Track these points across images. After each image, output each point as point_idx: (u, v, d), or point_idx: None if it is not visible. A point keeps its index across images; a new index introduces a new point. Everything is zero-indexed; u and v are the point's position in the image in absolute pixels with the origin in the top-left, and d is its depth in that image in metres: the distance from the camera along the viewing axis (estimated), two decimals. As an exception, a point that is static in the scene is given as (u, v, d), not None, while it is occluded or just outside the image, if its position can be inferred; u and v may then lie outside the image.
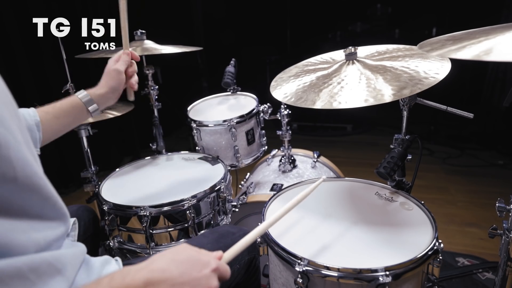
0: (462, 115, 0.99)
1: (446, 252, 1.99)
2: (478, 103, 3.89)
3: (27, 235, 0.53)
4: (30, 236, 0.53)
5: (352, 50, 1.07)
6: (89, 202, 1.53)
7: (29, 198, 0.54)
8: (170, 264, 0.57)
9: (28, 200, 0.54)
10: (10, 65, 2.58)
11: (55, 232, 0.60)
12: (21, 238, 0.51)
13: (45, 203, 0.58)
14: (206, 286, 0.58)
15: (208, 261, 0.62)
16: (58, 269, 0.56)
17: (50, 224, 0.59)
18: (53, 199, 0.59)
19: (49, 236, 0.58)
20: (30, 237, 0.53)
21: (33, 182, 0.54)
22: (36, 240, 0.54)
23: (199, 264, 0.60)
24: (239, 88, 1.79)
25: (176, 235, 1.21)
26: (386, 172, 1.03)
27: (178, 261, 0.58)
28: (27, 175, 0.53)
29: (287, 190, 1.17)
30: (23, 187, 0.52)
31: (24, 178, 0.52)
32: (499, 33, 0.73)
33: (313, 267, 0.80)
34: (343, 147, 3.86)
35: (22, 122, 0.59)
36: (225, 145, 1.58)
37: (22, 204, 0.53)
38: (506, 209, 0.91)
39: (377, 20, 4.40)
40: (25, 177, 0.52)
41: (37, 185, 0.55)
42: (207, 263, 0.61)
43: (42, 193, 0.56)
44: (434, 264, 0.84)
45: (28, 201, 0.54)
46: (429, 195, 2.64)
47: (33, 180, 0.54)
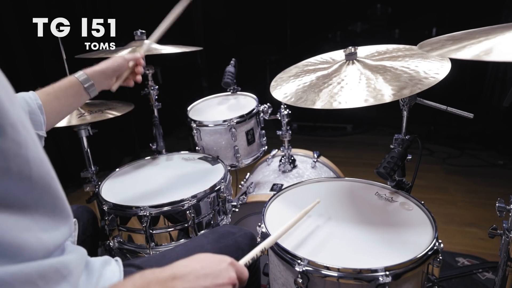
0: (462, 115, 0.99)
1: (446, 252, 1.99)
2: (478, 103, 3.89)
3: (37, 236, 0.53)
4: (41, 237, 0.54)
5: (352, 50, 1.07)
6: (89, 202, 1.53)
7: (40, 198, 0.54)
8: (192, 261, 0.63)
9: (39, 200, 0.54)
10: (10, 65, 2.58)
11: (62, 233, 0.60)
12: (32, 240, 0.52)
13: (55, 203, 0.58)
14: (227, 276, 0.62)
15: (224, 257, 0.67)
16: (64, 275, 0.57)
17: (57, 225, 0.59)
18: (61, 200, 0.60)
19: (56, 237, 0.58)
20: (40, 239, 0.54)
21: (46, 181, 0.55)
22: (45, 242, 0.55)
23: (217, 259, 0.65)
24: (239, 88, 1.79)
25: (176, 235, 1.21)
26: (386, 172, 1.03)
27: (199, 259, 0.64)
28: (41, 175, 0.54)
29: (287, 190, 1.17)
30: (36, 186, 0.53)
31: (38, 177, 0.53)
32: (499, 33, 0.73)
33: (313, 267, 0.80)
34: (343, 147, 3.86)
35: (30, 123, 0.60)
36: (225, 145, 1.58)
37: (33, 203, 0.53)
38: (506, 209, 0.91)
39: (377, 20, 4.40)
40: (38, 176, 0.53)
41: (49, 185, 0.56)
42: (224, 258, 0.66)
43: (52, 193, 0.57)
44: (434, 264, 0.84)
45: (39, 200, 0.54)
46: (429, 195, 2.64)
47: (46, 180, 0.55)
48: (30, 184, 0.51)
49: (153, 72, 1.63)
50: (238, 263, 0.70)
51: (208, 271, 0.60)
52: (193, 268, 0.60)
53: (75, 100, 1.05)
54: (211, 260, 0.64)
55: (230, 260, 0.66)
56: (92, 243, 1.25)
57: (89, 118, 1.40)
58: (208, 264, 0.63)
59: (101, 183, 1.37)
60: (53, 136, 2.73)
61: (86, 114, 1.42)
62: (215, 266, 0.63)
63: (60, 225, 0.60)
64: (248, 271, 1.04)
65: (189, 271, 0.59)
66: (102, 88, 1.10)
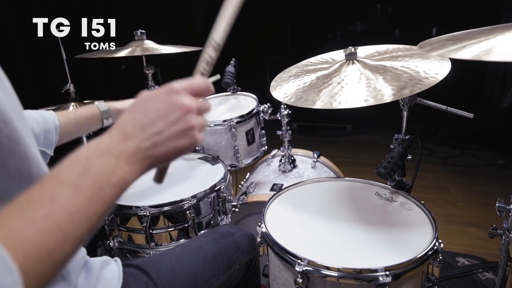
0: (462, 115, 0.99)
1: (446, 252, 1.99)
2: (478, 103, 3.89)
3: None
4: None
5: (352, 50, 1.07)
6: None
7: None
8: (129, 114, 0.52)
9: None
10: (10, 65, 2.58)
11: None
12: None
13: None
14: (178, 107, 0.51)
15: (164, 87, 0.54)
16: (63, 275, 0.57)
17: None
18: None
19: None
20: None
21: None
22: None
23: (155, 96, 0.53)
24: (239, 88, 1.79)
25: (176, 235, 1.21)
26: (386, 172, 1.03)
27: (136, 106, 0.52)
28: (40, 172, 0.54)
29: (287, 190, 1.17)
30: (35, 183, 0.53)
31: (37, 174, 0.53)
32: (499, 33, 0.72)
33: (313, 267, 0.80)
34: (343, 147, 3.86)
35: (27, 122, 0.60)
36: (225, 145, 1.58)
37: None
38: (506, 209, 0.91)
39: (377, 20, 4.40)
40: (38, 174, 0.53)
41: None
42: (163, 88, 0.53)
43: None
44: (434, 264, 0.84)
45: None
46: (429, 195, 2.64)
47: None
48: (30, 181, 0.51)
49: (153, 72, 1.63)
50: (185, 83, 0.55)
51: (153, 115, 0.50)
52: (134, 119, 0.50)
53: (90, 128, 1.09)
54: (150, 100, 0.52)
55: (170, 86, 0.53)
56: (92, 243, 1.25)
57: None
58: (149, 106, 0.51)
59: (101, 183, 1.37)
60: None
61: (86, 114, 1.42)
62: (158, 104, 0.51)
63: None
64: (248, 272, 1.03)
65: (132, 127, 0.49)
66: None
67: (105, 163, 0.45)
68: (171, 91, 0.52)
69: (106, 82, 3.56)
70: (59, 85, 1.51)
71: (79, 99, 1.50)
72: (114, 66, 3.46)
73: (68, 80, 1.49)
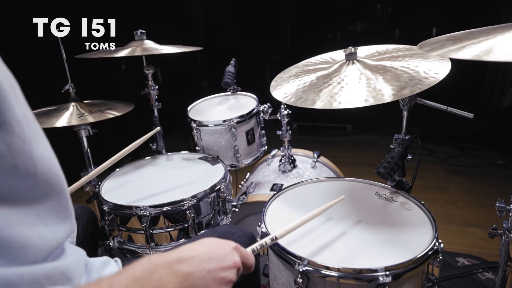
0: (462, 115, 0.99)
1: (446, 252, 1.99)
2: (478, 103, 3.89)
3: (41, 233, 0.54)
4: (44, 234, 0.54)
5: (352, 50, 1.07)
6: (89, 202, 1.53)
7: (44, 194, 0.55)
8: (197, 245, 0.63)
9: (43, 196, 0.55)
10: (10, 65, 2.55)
11: (65, 229, 0.61)
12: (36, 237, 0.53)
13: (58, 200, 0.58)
14: (232, 260, 0.63)
15: (229, 242, 0.67)
16: (69, 277, 0.58)
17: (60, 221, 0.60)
18: (65, 197, 0.60)
19: (59, 234, 0.58)
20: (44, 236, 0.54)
21: (49, 178, 0.55)
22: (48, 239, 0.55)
23: (222, 243, 0.66)
24: (239, 88, 1.79)
25: (176, 235, 1.21)
26: (386, 172, 1.03)
27: (204, 243, 0.64)
28: (44, 171, 0.54)
29: (287, 190, 1.17)
30: (40, 183, 0.53)
31: (41, 174, 0.53)
32: (499, 33, 0.73)
33: (313, 267, 0.80)
34: (343, 147, 3.86)
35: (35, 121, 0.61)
36: (225, 145, 1.58)
37: (37, 199, 0.54)
38: (506, 209, 0.91)
39: (377, 20, 4.40)
40: (42, 173, 0.54)
41: (51, 181, 0.56)
42: (229, 243, 0.67)
43: (56, 190, 0.57)
44: (434, 264, 0.84)
45: (43, 196, 0.55)
46: (429, 195, 2.64)
47: (49, 177, 0.55)
48: (34, 180, 0.52)
49: (153, 72, 1.63)
50: (244, 248, 0.70)
51: (213, 255, 0.61)
52: (199, 252, 0.60)
53: None
54: (216, 244, 0.65)
55: (235, 244, 0.67)
56: (92, 243, 1.25)
57: (89, 118, 1.40)
58: (213, 248, 0.63)
59: (101, 183, 1.37)
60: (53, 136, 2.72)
61: (86, 114, 1.42)
62: (220, 250, 0.63)
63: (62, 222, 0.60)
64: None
65: (195, 255, 0.59)
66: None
67: (166, 274, 0.54)
68: (236, 248, 0.66)
69: (106, 82, 3.56)
70: (59, 85, 1.51)
71: (79, 99, 1.50)
72: (114, 66, 3.46)
73: (68, 80, 1.49)
